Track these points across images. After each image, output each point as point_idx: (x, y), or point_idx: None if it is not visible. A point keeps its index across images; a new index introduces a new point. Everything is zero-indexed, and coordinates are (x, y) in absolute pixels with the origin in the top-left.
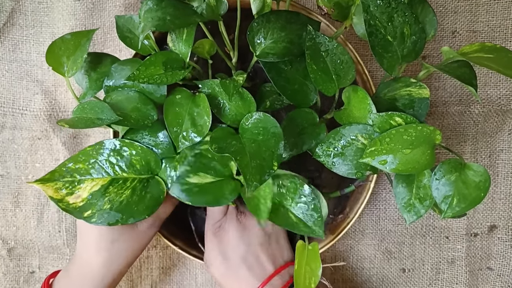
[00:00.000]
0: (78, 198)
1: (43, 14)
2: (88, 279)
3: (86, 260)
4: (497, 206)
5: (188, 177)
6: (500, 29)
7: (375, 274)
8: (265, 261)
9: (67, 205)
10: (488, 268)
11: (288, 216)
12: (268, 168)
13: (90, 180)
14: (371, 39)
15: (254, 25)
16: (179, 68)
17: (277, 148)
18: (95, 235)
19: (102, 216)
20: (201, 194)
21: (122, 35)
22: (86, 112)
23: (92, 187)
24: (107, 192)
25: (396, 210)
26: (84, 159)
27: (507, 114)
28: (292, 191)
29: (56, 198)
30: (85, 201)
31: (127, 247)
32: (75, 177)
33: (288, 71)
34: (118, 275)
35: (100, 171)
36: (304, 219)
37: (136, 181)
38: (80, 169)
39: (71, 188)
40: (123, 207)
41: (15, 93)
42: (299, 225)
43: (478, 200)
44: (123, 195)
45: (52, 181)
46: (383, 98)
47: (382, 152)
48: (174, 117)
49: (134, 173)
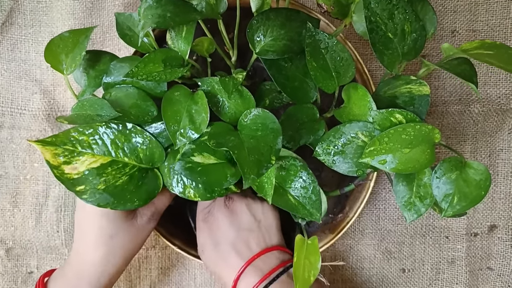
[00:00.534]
0: (74, 169)
1: (42, 13)
2: (85, 277)
3: (83, 257)
4: (497, 205)
5: (193, 156)
6: (499, 28)
7: (375, 274)
8: (253, 244)
9: (62, 173)
10: (488, 268)
11: (287, 198)
12: (266, 162)
13: (91, 155)
14: (372, 36)
15: (254, 23)
16: (178, 65)
17: (276, 143)
18: (94, 230)
19: (94, 195)
20: (203, 173)
21: (122, 33)
22: (85, 109)
23: (91, 163)
24: (105, 172)
25: (395, 209)
26: (90, 132)
27: (507, 113)
28: (293, 173)
29: (53, 164)
30: (81, 175)
31: (126, 242)
32: (76, 148)
33: (288, 68)
34: (115, 274)
35: (102, 149)
36: (303, 201)
37: (135, 169)
38: (84, 141)
39: (70, 157)
40: (117, 192)
41: (13, 92)
42: (298, 207)
43: (479, 198)
44: (119, 180)
45: (52, 144)
46: (383, 96)
47: (381, 151)
48: (172, 114)
49: (135, 160)
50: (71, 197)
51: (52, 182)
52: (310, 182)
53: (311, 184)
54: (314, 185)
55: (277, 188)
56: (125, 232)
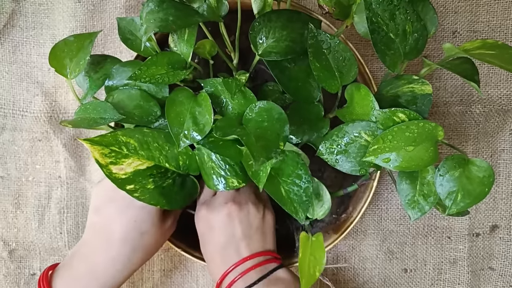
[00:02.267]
0: (121, 170)
1: (43, 15)
2: (100, 275)
3: (101, 252)
4: (499, 206)
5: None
6: (500, 29)
7: (377, 275)
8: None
9: (110, 173)
10: (490, 268)
11: (279, 188)
12: (274, 147)
13: (137, 158)
14: (373, 37)
15: (256, 25)
16: (180, 68)
17: (283, 131)
18: (124, 223)
19: (145, 193)
20: (225, 147)
21: (124, 37)
22: (88, 112)
23: (138, 166)
24: (152, 174)
25: (398, 210)
26: (137, 137)
27: (508, 114)
28: (292, 168)
29: (101, 163)
30: (128, 175)
31: (153, 242)
32: (122, 150)
33: (291, 69)
34: (127, 276)
35: (147, 153)
36: (293, 197)
37: (175, 174)
38: (130, 144)
39: (116, 158)
40: (166, 192)
41: (15, 94)
42: (286, 200)
43: (482, 195)
44: (166, 181)
45: (99, 144)
46: (386, 96)
47: (385, 150)
48: (176, 116)
49: (175, 167)
50: (73, 199)
51: (54, 184)
52: (306, 182)
53: (306, 184)
54: (308, 185)
55: (272, 177)
56: (155, 231)
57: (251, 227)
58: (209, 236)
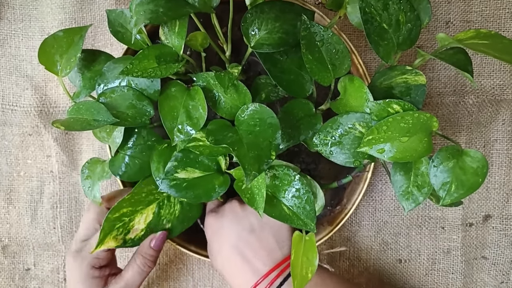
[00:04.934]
0: (136, 231)
1: (31, 8)
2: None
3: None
4: (492, 195)
5: (176, 173)
6: (493, 19)
7: (372, 265)
8: (263, 256)
9: (131, 241)
10: (483, 257)
11: (281, 208)
12: (266, 157)
13: (140, 214)
14: (367, 27)
15: (248, 16)
16: (172, 61)
17: (274, 138)
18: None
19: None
20: (190, 188)
21: (114, 30)
22: (81, 113)
23: (146, 218)
24: (160, 214)
25: (392, 201)
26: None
27: (501, 104)
28: (286, 183)
29: (119, 244)
30: (145, 231)
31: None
32: (124, 220)
33: (283, 61)
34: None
35: (145, 202)
36: (297, 211)
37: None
38: (126, 212)
39: (125, 228)
40: (182, 217)
41: (4, 88)
42: (292, 218)
43: (476, 186)
44: (175, 210)
45: (107, 234)
46: (379, 87)
47: (380, 140)
48: (169, 110)
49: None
50: (66, 194)
51: (46, 179)
52: (304, 191)
53: (305, 194)
54: (308, 195)
55: (270, 198)
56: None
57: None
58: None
